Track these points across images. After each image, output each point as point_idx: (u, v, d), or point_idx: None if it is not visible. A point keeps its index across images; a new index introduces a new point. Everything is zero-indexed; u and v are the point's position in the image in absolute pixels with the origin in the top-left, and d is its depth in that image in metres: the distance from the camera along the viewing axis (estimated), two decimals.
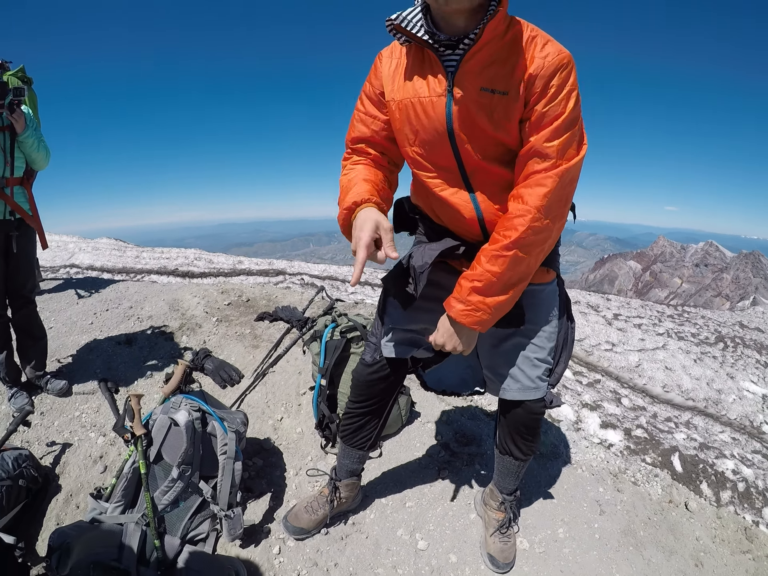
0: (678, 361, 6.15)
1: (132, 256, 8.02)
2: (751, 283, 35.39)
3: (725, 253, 46.16)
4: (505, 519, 2.34)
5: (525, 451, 2.10)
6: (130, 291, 5.07)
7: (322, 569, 2.21)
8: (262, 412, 3.17)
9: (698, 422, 4.81)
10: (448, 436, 3.13)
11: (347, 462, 2.30)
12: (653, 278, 48.49)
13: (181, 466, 2.19)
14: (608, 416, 4.46)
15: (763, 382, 5.99)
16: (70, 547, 1.87)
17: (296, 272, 7.23)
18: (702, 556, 2.50)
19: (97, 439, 2.89)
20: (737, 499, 3.60)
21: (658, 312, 8.26)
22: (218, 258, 7.94)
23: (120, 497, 2.22)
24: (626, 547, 2.47)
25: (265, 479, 2.68)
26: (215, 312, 4.39)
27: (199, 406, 2.32)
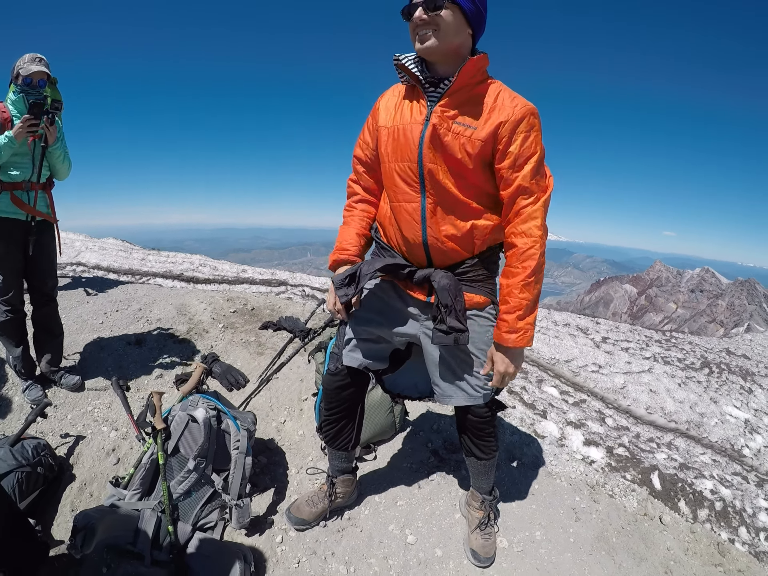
0: (662, 384, 6.22)
1: (138, 258, 8.13)
2: (746, 310, 35.28)
3: (721, 280, 46.01)
4: (485, 517, 2.54)
5: (485, 451, 2.36)
6: (139, 293, 5.19)
7: (321, 557, 2.42)
8: (266, 415, 3.36)
9: (680, 443, 4.87)
10: (437, 443, 3.32)
11: (337, 462, 2.55)
12: (648, 302, 48.35)
13: (197, 458, 2.39)
14: (591, 434, 4.56)
15: (746, 407, 6.03)
16: (94, 527, 2.01)
17: (298, 284, 7.34)
18: (672, 565, 2.63)
19: (110, 433, 3.05)
20: (714, 517, 3.67)
21: (646, 336, 8.32)
22: (222, 265, 8.05)
23: (138, 485, 2.42)
24: (599, 551, 2.63)
25: (269, 476, 2.89)
26: (221, 318, 4.56)
27: (215, 405, 2.53)
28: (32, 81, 3.05)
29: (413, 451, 3.22)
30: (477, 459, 2.39)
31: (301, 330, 4.27)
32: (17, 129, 2.92)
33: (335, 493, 2.59)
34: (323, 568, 2.38)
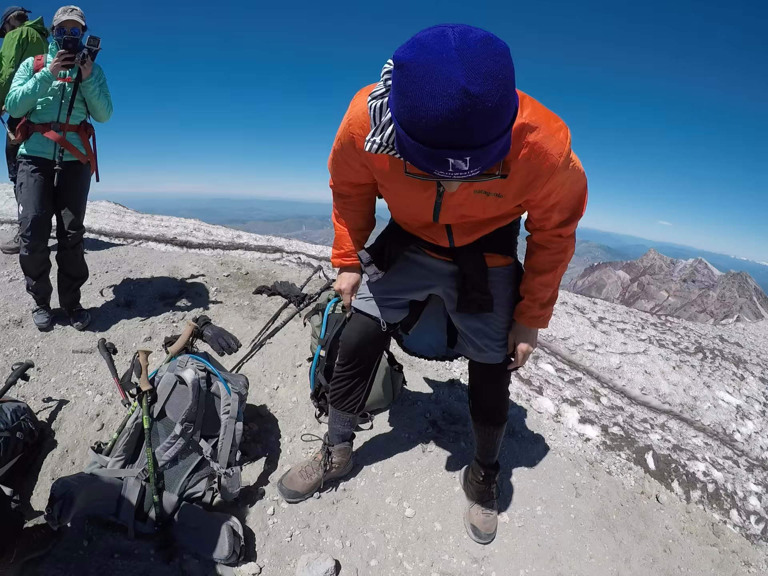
0: (657, 366, 6.24)
1: (131, 221, 7.95)
2: (737, 302, 35.51)
3: (713, 271, 46.26)
4: (488, 492, 2.46)
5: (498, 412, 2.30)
6: (130, 255, 5.09)
7: (314, 531, 2.32)
8: (258, 381, 3.25)
9: (673, 425, 4.90)
10: (436, 414, 3.24)
11: (338, 426, 2.42)
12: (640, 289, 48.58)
13: (184, 423, 2.25)
14: (587, 412, 4.56)
15: (738, 393, 6.08)
16: (73, 496, 1.88)
17: (294, 251, 7.23)
18: (670, 543, 2.62)
19: (95, 397, 2.93)
20: (706, 499, 3.70)
21: (642, 319, 8.34)
22: (217, 230, 7.90)
23: (121, 452, 2.28)
24: (599, 528, 2.59)
25: (261, 444, 2.77)
26: (214, 282, 4.45)
27: (205, 366, 2.38)
28: (65, 30, 3.11)
29: (411, 422, 3.13)
30: (489, 424, 2.32)
31: (297, 295, 4.16)
32: (53, 64, 3.05)
33: (331, 463, 2.47)
34: (317, 541, 2.28)
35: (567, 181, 1.58)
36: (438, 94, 1.01)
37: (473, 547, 2.37)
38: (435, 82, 1.01)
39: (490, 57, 1.02)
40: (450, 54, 1.01)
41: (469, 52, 1.01)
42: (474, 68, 1.00)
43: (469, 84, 1.00)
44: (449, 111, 1.02)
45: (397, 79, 1.10)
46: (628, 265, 53.38)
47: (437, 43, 1.02)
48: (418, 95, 1.04)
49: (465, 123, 1.04)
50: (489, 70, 1.01)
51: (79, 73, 3.17)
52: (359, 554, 2.25)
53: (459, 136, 1.06)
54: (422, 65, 1.03)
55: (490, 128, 1.08)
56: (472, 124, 1.05)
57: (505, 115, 1.10)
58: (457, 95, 1.00)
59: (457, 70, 1.00)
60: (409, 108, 1.07)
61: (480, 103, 1.02)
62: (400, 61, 1.07)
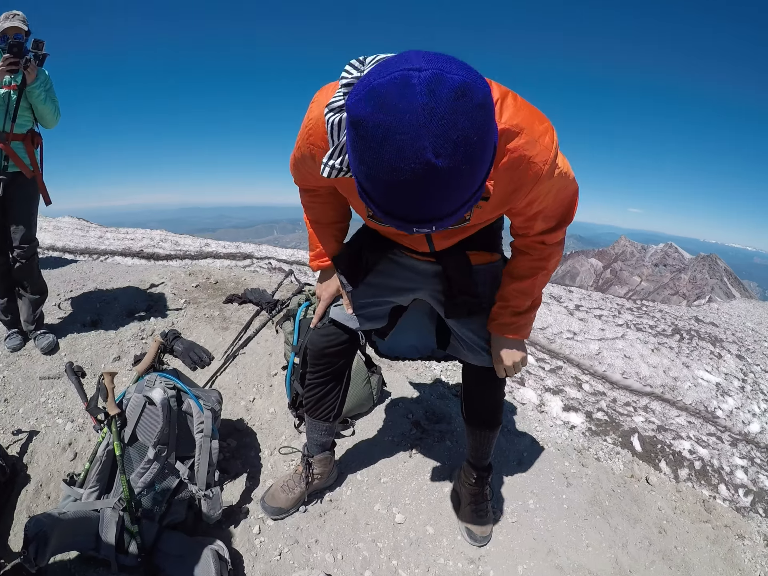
0: (636, 350, 6.33)
1: (95, 236, 7.78)
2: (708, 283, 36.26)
3: (684, 255, 47.19)
4: (481, 494, 2.39)
5: (494, 415, 2.19)
6: (95, 272, 4.96)
7: (303, 546, 2.22)
8: (234, 394, 3.15)
9: (656, 407, 4.98)
10: (418, 414, 3.18)
11: (316, 436, 2.32)
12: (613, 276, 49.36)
13: (157, 446, 2.13)
14: (570, 400, 4.59)
15: (717, 371, 6.21)
16: (47, 535, 1.77)
17: (264, 256, 7.16)
18: (665, 524, 2.62)
19: (65, 425, 2.80)
20: (694, 476, 3.75)
21: (618, 305, 8.47)
22: (184, 240, 7.79)
23: (95, 482, 2.14)
24: (593, 516, 2.57)
25: (240, 460, 2.67)
26: (183, 294, 4.33)
27: (174, 384, 2.27)
28: (8, 36, 2.99)
29: (394, 424, 3.05)
30: (487, 429, 2.21)
31: (268, 302, 4.05)
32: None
33: (312, 475, 2.37)
34: (307, 557, 2.18)
35: (553, 189, 1.43)
36: (399, 168, 0.87)
37: (468, 548, 2.31)
38: (396, 151, 0.85)
39: (464, 115, 0.85)
40: (416, 116, 0.83)
41: (440, 111, 0.83)
42: (444, 134, 0.84)
43: (436, 157, 0.84)
44: (411, 187, 0.89)
45: (351, 139, 0.94)
46: (601, 253, 54.22)
47: (400, 97, 0.84)
48: (376, 164, 0.89)
49: (430, 200, 0.92)
50: (461, 136, 0.86)
51: (24, 79, 3.07)
52: (352, 566, 2.17)
53: (422, 212, 0.95)
54: (381, 128, 0.86)
55: (459, 198, 0.95)
56: (439, 202, 0.93)
57: (478, 180, 0.97)
58: (422, 170, 0.86)
59: (423, 138, 0.84)
60: (366, 175, 0.94)
61: (448, 178, 0.89)
62: (355, 117, 0.90)
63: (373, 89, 0.87)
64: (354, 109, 0.90)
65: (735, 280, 34.60)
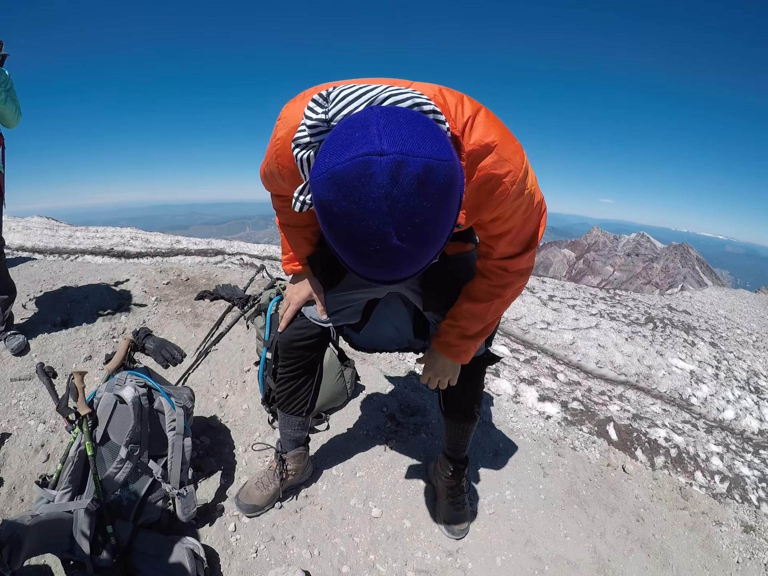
0: (610, 339, 6.37)
1: (65, 235, 7.63)
2: (680, 272, 36.86)
3: (656, 244, 47.85)
4: (458, 486, 2.39)
5: (473, 407, 2.18)
6: (65, 271, 4.85)
7: (280, 543, 2.21)
8: (206, 391, 3.11)
9: (630, 395, 5.01)
10: (393, 407, 3.17)
11: (289, 431, 2.30)
12: (586, 266, 49.94)
13: (130, 445, 2.10)
14: (545, 390, 4.61)
15: (691, 359, 6.28)
16: (20, 538, 1.74)
17: (235, 252, 7.10)
18: (642, 512, 2.65)
19: (37, 426, 2.75)
20: (670, 464, 3.78)
21: (591, 294, 8.53)
22: (155, 237, 7.68)
23: (67, 483, 2.09)
24: (571, 505, 2.59)
25: (215, 457, 2.64)
26: (154, 291, 4.26)
27: (145, 382, 2.24)
28: None
29: (368, 418, 3.05)
30: (463, 421, 2.21)
31: (240, 297, 4.00)
32: None
33: (286, 471, 2.35)
34: (284, 554, 2.17)
35: (519, 208, 1.41)
36: (366, 249, 0.92)
37: (446, 541, 2.31)
38: (361, 236, 0.90)
39: (427, 199, 0.88)
40: (378, 204, 0.86)
41: (402, 199, 0.86)
42: (407, 220, 0.87)
43: (400, 240, 0.89)
44: (379, 262, 0.95)
45: (319, 213, 0.97)
46: (573, 243, 54.79)
47: (363, 186, 0.86)
48: (344, 242, 0.95)
49: (398, 269, 0.98)
50: (424, 218, 0.89)
51: None
52: (329, 562, 2.16)
53: (392, 276, 1.01)
54: (346, 216, 0.89)
55: (426, 260, 1.01)
56: (406, 269, 0.99)
57: (443, 242, 1.01)
58: (388, 252, 0.91)
59: (388, 225, 0.87)
60: (334, 242, 0.98)
61: (411, 256, 0.95)
62: (319, 200, 0.94)
63: (335, 174, 0.88)
64: (318, 190, 0.93)
65: (707, 268, 35.23)
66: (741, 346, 7.30)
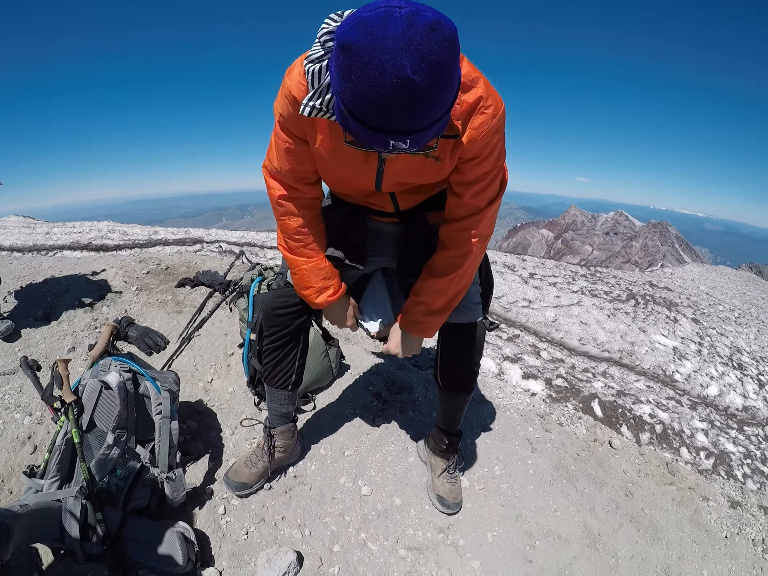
0: (592, 316, 6.42)
1: (42, 232, 7.55)
2: (659, 250, 37.09)
3: (635, 223, 48.11)
4: (453, 460, 2.40)
5: (472, 377, 2.20)
6: (44, 266, 4.78)
7: (270, 524, 2.21)
8: (191, 376, 3.10)
9: (614, 372, 5.06)
10: (379, 385, 3.17)
11: (275, 406, 2.30)
12: (565, 246, 50.14)
13: (116, 431, 2.08)
14: (529, 368, 4.64)
15: (673, 335, 6.34)
16: (9, 528, 1.71)
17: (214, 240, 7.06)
18: (630, 487, 2.67)
19: (24, 419, 2.72)
20: (656, 440, 3.81)
21: (572, 272, 8.57)
22: (133, 230, 7.62)
23: (55, 472, 2.07)
24: (560, 480, 2.61)
25: (202, 441, 2.63)
26: (134, 281, 4.22)
27: (130, 367, 2.21)
28: None
29: (354, 396, 3.05)
30: (462, 391, 2.23)
31: (221, 283, 3.97)
32: None
33: (274, 447, 2.34)
34: (275, 535, 2.17)
35: (493, 153, 1.53)
36: (382, 83, 1.02)
37: (437, 518, 2.32)
38: (379, 69, 1.01)
39: (437, 44, 1.02)
40: (396, 41, 0.99)
41: (417, 39, 1.00)
42: (420, 57, 1.00)
43: (414, 74, 1.00)
44: (392, 99, 1.04)
45: (340, 61, 1.08)
46: (551, 223, 54.98)
47: (383, 26, 1.00)
48: (362, 81, 1.04)
49: (407, 111, 1.08)
50: (435, 59, 1.02)
51: None
52: (320, 542, 2.16)
53: (401, 122, 1.11)
54: (367, 50, 1.01)
55: (432, 114, 1.12)
56: (415, 112, 1.08)
57: (448, 100, 1.14)
58: (402, 85, 1.01)
59: (403, 58, 0.99)
60: (351, 91, 1.08)
61: (424, 93, 1.04)
62: (344, 42, 1.05)
63: (362, 20, 1.03)
64: (344, 36, 1.05)
65: (687, 246, 35.53)
66: (723, 323, 7.38)
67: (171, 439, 2.17)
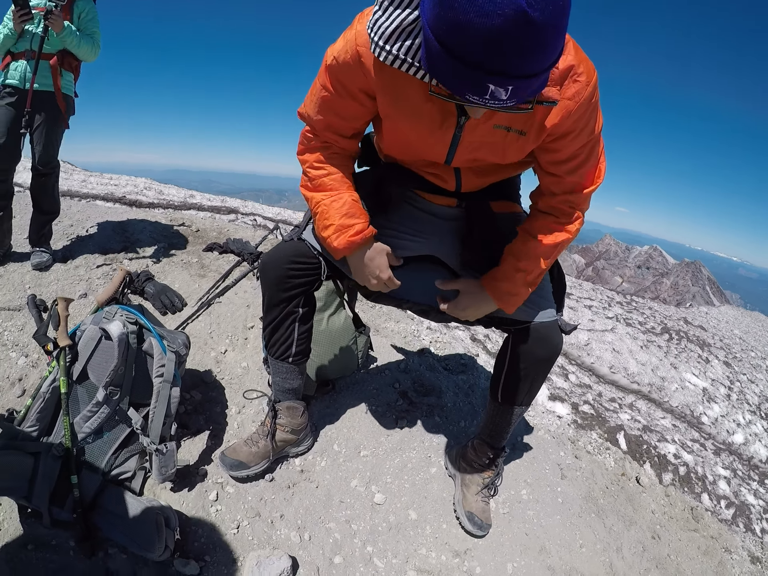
0: (625, 345, 6.22)
1: (78, 179, 7.60)
2: (690, 291, 36.61)
3: (668, 259, 47.67)
4: (493, 477, 2.17)
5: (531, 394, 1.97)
6: (73, 210, 4.75)
7: (266, 521, 1.96)
8: (204, 343, 2.89)
9: (641, 406, 4.87)
10: (406, 384, 2.94)
11: (278, 379, 2.07)
12: (595, 274, 49.81)
13: (109, 387, 1.87)
14: (557, 389, 4.45)
15: (704, 376, 6.14)
16: None
17: (249, 212, 6.99)
18: (658, 530, 2.46)
19: (18, 359, 2.57)
20: (678, 482, 3.62)
21: (608, 297, 8.38)
22: (169, 190, 7.62)
23: (34, 421, 1.86)
24: (588, 513, 2.38)
25: (204, 415, 2.40)
26: (161, 238, 4.12)
27: (137, 319, 2.00)
28: None
29: (378, 392, 2.80)
30: (516, 405, 1.97)
31: (251, 253, 3.81)
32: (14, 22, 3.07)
33: (276, 423, 2.11)
34: (270, 534, 1.91)
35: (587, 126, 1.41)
36: (492, 12, 0.88)
37: (454, 539, 2.07)
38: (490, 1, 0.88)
39: None
40: None
41: None
42: None
43: (529, 7, 0.87)
44: (502, 33, 0.90)
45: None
46: (584, 250, 54.64)
47: None
48: (467, 9, 0.90)
49: (516, 50, 0.93)
50: None
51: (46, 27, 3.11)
52: (320, 550, 1.91)
53: (506, 63, 0.95)
54: None
55: (542, 60, 0.98)
56: (524, 52, 0.94)
57: (558, 47, 1.00)
58: (514, 17, 0.88)
59: None
60: (452, 22, 0.94)
61: (537, 30, 0.91)
62: None
63: None
64: None
65: (717, 289, 34.95)
66: (755, 370, 7.17)
67: (169, 407, 1.95)
